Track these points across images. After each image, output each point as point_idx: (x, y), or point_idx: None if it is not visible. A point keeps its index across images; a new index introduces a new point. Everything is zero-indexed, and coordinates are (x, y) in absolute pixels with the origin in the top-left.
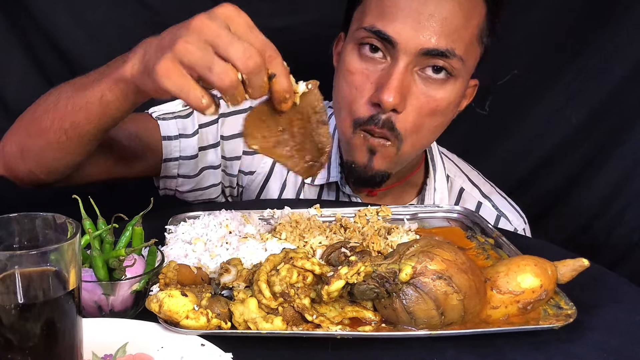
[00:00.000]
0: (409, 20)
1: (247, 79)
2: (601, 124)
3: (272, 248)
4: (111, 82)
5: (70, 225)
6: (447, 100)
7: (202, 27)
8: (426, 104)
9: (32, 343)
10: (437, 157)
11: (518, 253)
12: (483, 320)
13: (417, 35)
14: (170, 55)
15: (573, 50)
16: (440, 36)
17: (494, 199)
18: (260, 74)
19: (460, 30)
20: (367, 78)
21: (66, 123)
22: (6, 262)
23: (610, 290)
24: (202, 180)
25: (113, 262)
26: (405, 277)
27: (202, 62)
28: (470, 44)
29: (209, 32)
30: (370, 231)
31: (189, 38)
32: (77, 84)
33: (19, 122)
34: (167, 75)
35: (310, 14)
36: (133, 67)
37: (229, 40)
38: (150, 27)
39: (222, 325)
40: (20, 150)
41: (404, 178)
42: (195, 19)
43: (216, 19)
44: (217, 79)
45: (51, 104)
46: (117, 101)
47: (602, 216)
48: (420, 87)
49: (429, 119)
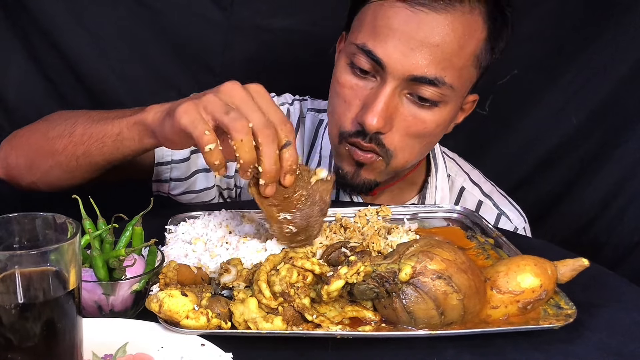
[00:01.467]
0: (399, 45)
1: (261, 144)
2: (601, 124)
3: (272, 248)
4: (131, 123)
5: (70, 225)
6: (435, 123)
7: (231, 91)
8: (414, 126)
9: (32, 343)
10: (439, 156)
11: (518, 253)
12: (483, 320)
13: (406, 60)
14: (194, 99)
15: (573, 50)
16: (430, 64)
17: (494, 198)
18: (273, 144)
19: (453, 58)
20: (356, 94)
21: (79, 150)
22: (6, 262)
23: (610, 290)
24: (194, 183)
25: (113, 262)
26: (405, 277)
27: (222, 109)
28: (463, 69)
29: (237, 97)
30: (370, 231)
31: (218, 95)
32: (96, 116)
33: (26, 136)
34: (185, 113)
35: (310, 14)
36: (155, 114)
37: (252, 108)
38: (150, 27)
39: (222, 325)
40: (28, 165)
41: (404, 176)
42: (226, 84)
43: (246, 90)
44: (230, 124)
45: (67, 129)
46: (132, 140)
47: (602, 216)
48: (408, 109)
49: (417, 139)
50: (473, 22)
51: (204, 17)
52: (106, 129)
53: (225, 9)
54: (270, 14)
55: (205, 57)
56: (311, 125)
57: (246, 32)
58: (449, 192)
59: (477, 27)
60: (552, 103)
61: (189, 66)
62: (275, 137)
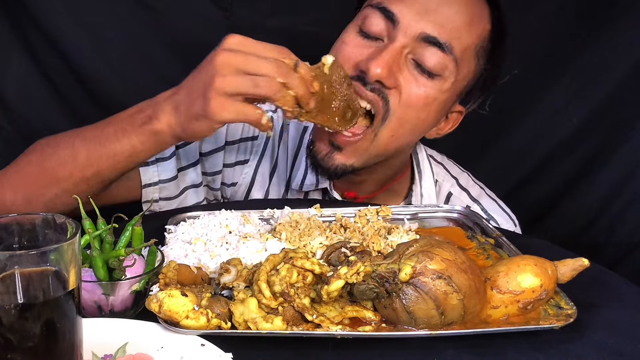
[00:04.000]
0: (416, 4)
1: (285, 82)
2: (601, 124)
3: (272, 248)
4: (144, 136)
5: (70, 225)
6: (433, 96)
7: (225, 59)
8: (414, 90)
9: (32, 343)
10: (425, 162)
11: (518, 253)
12: (483, 320)
13: (420, 19)
14: (214, 92)
15: (573, 50)
16: (442, 27)
17: (482, 202)
18: (291, 72)
19: (462, 31)
20: (360, 52)
21: (88, 172)
22: (6, 262)
23: (610, 290)
24: (184, 200)
25: (113, 262)
26: (405, 277)
27: (247, 85)
28: (467, 49)
29: (235, 62)
30: (370, 231)
31: (222, 72)
32: (91, 135)
33: (17, 173)
34: (222, 108)
35: (310, 14)
36: (170, 121)
37: (255, 62)
38: (150, 27)
39: (222, 325)
40: (27, 200)
41: (387, 185)
42: (216, 56)
43: (233, 49)
44: (265, 91)
45: (67, 156)
46: (149, 151)
47: (602, 216)
48: (411, 73)
49: (413, 112)
50: (481, 8)
51: (204, 17)
52: (115, 147)
53: (225, 9)
54: (270, 14)
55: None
56: (295, 132)
57: (246, 32)
58: (435, 198)
59: (484, 15)
60: (552, 103)
61: (189, 66)
62: (288, 69)
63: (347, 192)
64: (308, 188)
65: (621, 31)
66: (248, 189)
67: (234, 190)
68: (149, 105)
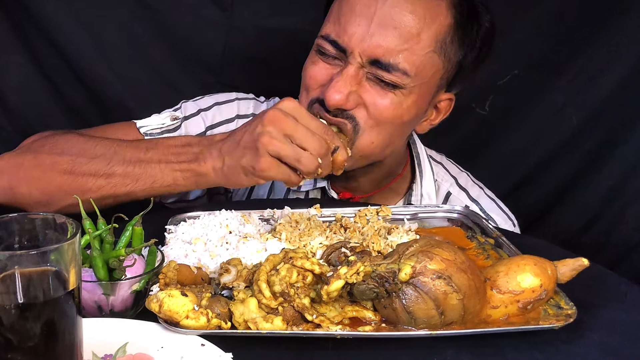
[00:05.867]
0: (359, 29)
1: (320, 160)
2: (601, 124)
3: (272, 248)
4: (188, 173)
5: (70, 225)
6: (397, 109)
7: (276, 120)
8: (376, 106)
9: (32, 343)
10: (425, 162)
11: (518, 253)
12: (483, 320)
13: (364, 44)
14: (262, 151)
15: (573, 50)
16: (387, 47)
17: (481, 202)
18: (328, 155)
19: (411, 42)
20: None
21: (120, 191)
22: (6, 262)
23: (610, 290)
24: (187, 194)
25: (113, 262)
26: (404, 277)
27: (290, 155)
28: (424, 55)
29: (285, 126)
30: (370, 231)
31: (270, 132)
32: (131, 157)
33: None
34: (270, 168)
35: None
36: (215, 166)
37: (304, 134)
38: (150, 27)
39: (222, 325)
40: (46, 200)
41: (385, 185)
42: (268, 113)
43: (286, 113)
44: (305, 168)
45: (102, 169)
46: (189, 186)
47: (602, 216)
48: (371, 89)
49: (382, 124)
50: (435, 5)
51: (204, 17)
52: (155, 175)
53: (225, 9)
54: (270, 14)
55: (205, 57)
56: None
57: (246, 32)
58: (435, 198)
59: (439, 12)
60: (552, 103)
61: (189, 66)
62: (328, 151)
63: (341, 194)
64: (307, 187)
65: (621, 31)
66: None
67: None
68: (198, 143)
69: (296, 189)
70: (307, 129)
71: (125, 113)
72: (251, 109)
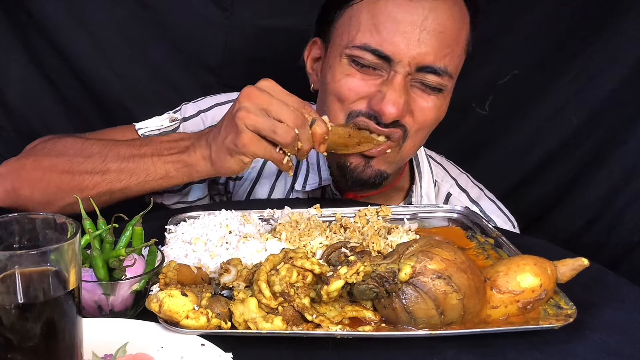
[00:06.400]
0: (405, 36)
1: (299, 134)
2: (601, 124)
3: (272, 248)
4: (179, 164)
5: (70, 225)
6: (440, 110)
7: (252, 96)
8: (424, 111)
9: (32, 343)
10: (424, 162)
11: (518, 253)
12: (483, 320)
13: (413, 51)
14: (241, 126)
15: (573, 50)
16: (436, 53)
17: (481, 204)
18: (306, 126)
19: (453, 45)
20: (363, 82)
21: (116, 186)
22: (6, 262)
23: (610, 290)
24: (187, 194)
25: (113, 262)
26: (404, 277)
27: (266, 126)
28: (460, 57)
29: (260, 101)
30: (370, 231)
31: (246, 106)
32: (125, 153)
33: (39, 170)
34: (252, 143)
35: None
36: (204, 154)
37: (279, 106)
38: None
39: (222, 325)
40: (46, 200)
41: (391, 184)
42: (244, 91)
43: (262, 89)
44: (281, 139)
45: (97, 166)
46: (181, 178)
47: (602, 216)
48: (418, 96)
49: (426, 126)
50: (462, 7)
51: (204, 17)
52: (148, 168)
53: (226, 9)
54: (270, 14)
55: (205, 57)
56: None
57: (246, 32)
58: (435, 198)
59: (465, 13)
60: (552, 103)
61: (189, 66)
62: (305, 122)
63: (346, 194)
64: (311, 187)
65: (621, 31)
66: (253, 184)
67: (239, 185)
68: (189, 137)
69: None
70: (282, 102)
71: (125, 113)
72: None
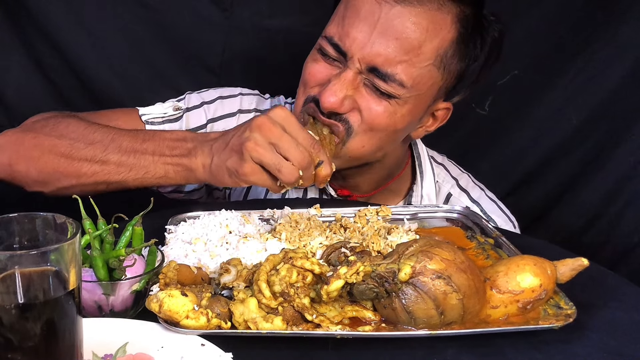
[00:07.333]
0: (360, 34)
1: (302, 175)
2: (601, 124)
3: (272, 248)
4: (179, 167)
5: (70, 225)
6: (390, 118)
7: (263, 127)
8: (369, 112)
9: (32, 343)
10: (426, 163)
11: (518, 253)
12: (483, 320)
13: (365, 50)
14: (246, 156)
15: (573, 50)
16: (386, 57)
17: (482, 204)
18: (311, 167)
19: (412, 55)
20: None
21: (113, 178)
22: (6, 262)
23: (610, 290)
24: (184, 184)
25: (113, 262)
26: (404, 277)
27: (271, 163)
28: (422, 68)
29: (271, 135)
30: (370, 231)
31: (255, 138)
32: (127, 146)
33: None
34: (253, 174)
35: (310, 14)
36: (204, 163)
37: (288, 144)
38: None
39: (222, 325)
40: (42, 180)
41: (385, 185)
42: (257, 119)
43: (275, 122)
44: (284, 178)
45: (97, 155)
46: (179, 180)
47: (602, 216)
48: (366, 95)
49: (375, 130)
50: (440, 19)
51: (204, 17)
52: (148, 166)
53: (225, 9)
54: (270, 14)
55: (205, 57)
56: None
57: (246, 32)
58: (435, 199)
59: (443, 26)
60: (552, 103)
61: (189, 66)
62: (311, 164)
63: (340, 190)
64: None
65: (621, 31)
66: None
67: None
68: (193, 138)
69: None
70: (292, 139)
71: None
72: (254, 105)
